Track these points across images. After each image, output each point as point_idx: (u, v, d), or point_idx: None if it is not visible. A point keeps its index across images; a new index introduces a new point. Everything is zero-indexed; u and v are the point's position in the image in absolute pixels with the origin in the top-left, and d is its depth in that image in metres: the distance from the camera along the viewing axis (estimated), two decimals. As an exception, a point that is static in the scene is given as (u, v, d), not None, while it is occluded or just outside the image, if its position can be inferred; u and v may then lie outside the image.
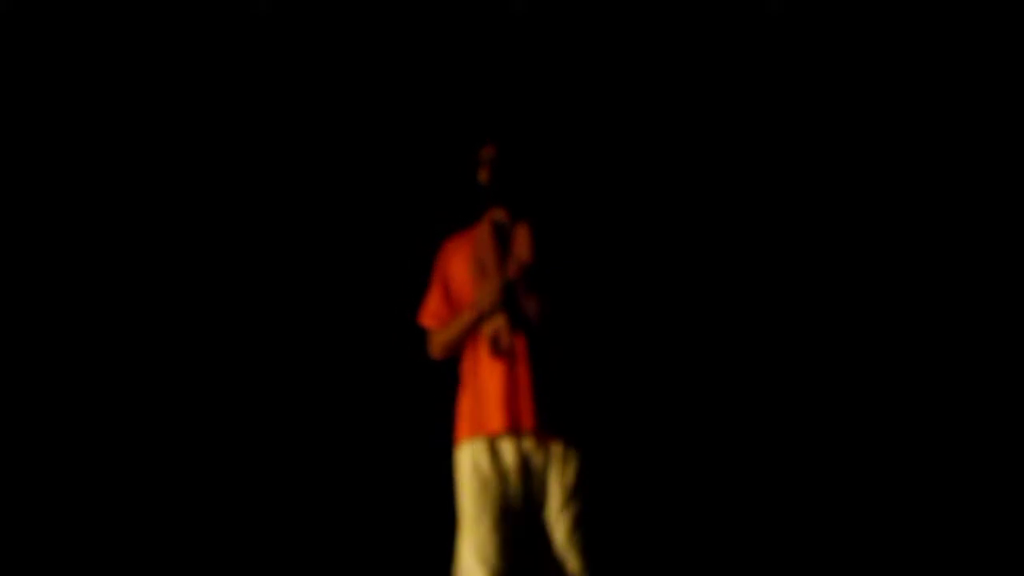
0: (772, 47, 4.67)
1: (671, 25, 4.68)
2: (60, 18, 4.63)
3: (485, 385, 3.44)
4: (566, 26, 4.68)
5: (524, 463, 3.41)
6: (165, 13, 4.68)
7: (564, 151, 4.47)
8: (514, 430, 3.39)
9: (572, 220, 3.59)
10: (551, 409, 3.38)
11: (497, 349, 3.40)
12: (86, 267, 4.65)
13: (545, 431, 3.39)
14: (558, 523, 3.37)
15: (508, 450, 3.42)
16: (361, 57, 4.74)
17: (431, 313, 3.65)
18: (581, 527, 3.36)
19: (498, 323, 3.41)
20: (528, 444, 3.41)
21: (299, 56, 4.74)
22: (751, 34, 4.67)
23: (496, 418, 3.40)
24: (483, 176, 3.53)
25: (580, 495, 3.37)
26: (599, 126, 4.69)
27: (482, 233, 3.55)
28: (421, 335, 3.72)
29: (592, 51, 4.69)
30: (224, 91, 4.73)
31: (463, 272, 3.56)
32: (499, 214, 3.56)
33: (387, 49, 4.74)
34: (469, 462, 3.47)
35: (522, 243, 3.47)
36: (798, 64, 4.67)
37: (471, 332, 3.49)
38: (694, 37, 4.69)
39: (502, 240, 3.52)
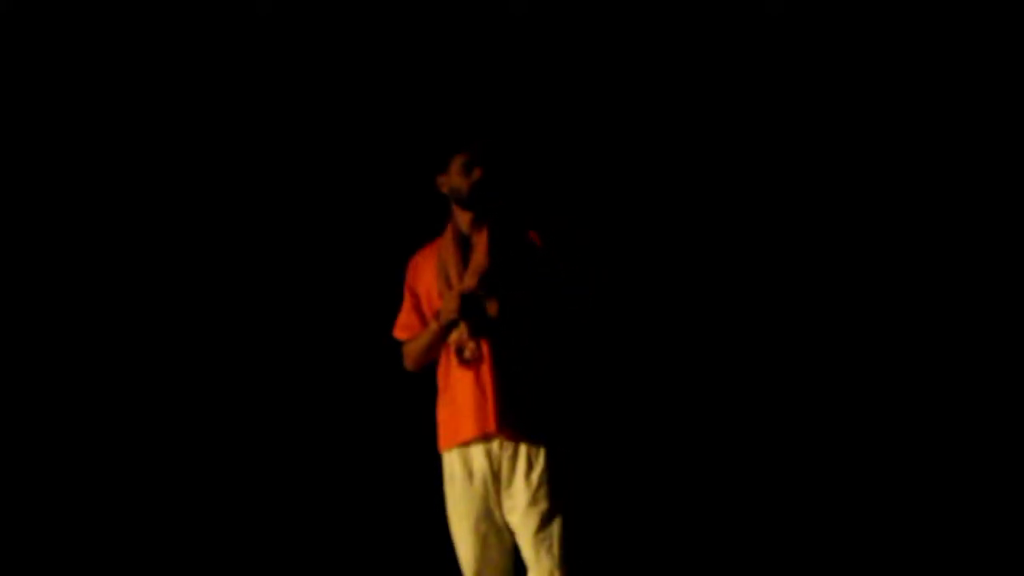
0: (772, 47, 4.66)
1: (671, 26, 4.68)
2: (60, 18, 4.64)
3: (456, 394, 3.47)
4: (566, 26, 4.68)
5: (495, 468, 3.44)
6: (167, 13, 4.69)
7: (544, 155, 4.48)
8: (483, 436, 3.42)
9: (533, 224, 3.58)
10: (516, 411, 3.41)
11: (462, 358, 3.44)
12: (85, 267, 4.67)
13: (511, 433, 3.41)
14: (526, 523, 3.39)
15: (479, 456, 3.45)
16: (361, 58, 4.74)
17: (402, 325, 3.67)
18: (548, 526, 3.38)
19: (461, 332, 3.43)
20: (496, 448, 3.44)
21: (300, 58, 4.74)
22: (751, 34, 4.66)
23: (467, 425, 3.43)
24: (463, 184, 3.49)
25: (547, 495, 3.39)
26: (598, 127, 4.69)
27: (446, 243, 3.57)
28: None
29: (591, 52, 4.69)
30: (224, 92, 4.74)
31: (430, 284, 3.57)
32: (462, 222, 3.55)
33: (387, 50, 4.74)
34: (447, 472, 3.53)
35: (480, 250, 3.48)
36: (798, 64, 4.66)
37: (439, 342, 3.50)
38: (694, 37, 4.68)
39: (464, 249, 3.52)
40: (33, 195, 4.67)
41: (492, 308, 3.41)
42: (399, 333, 3.66)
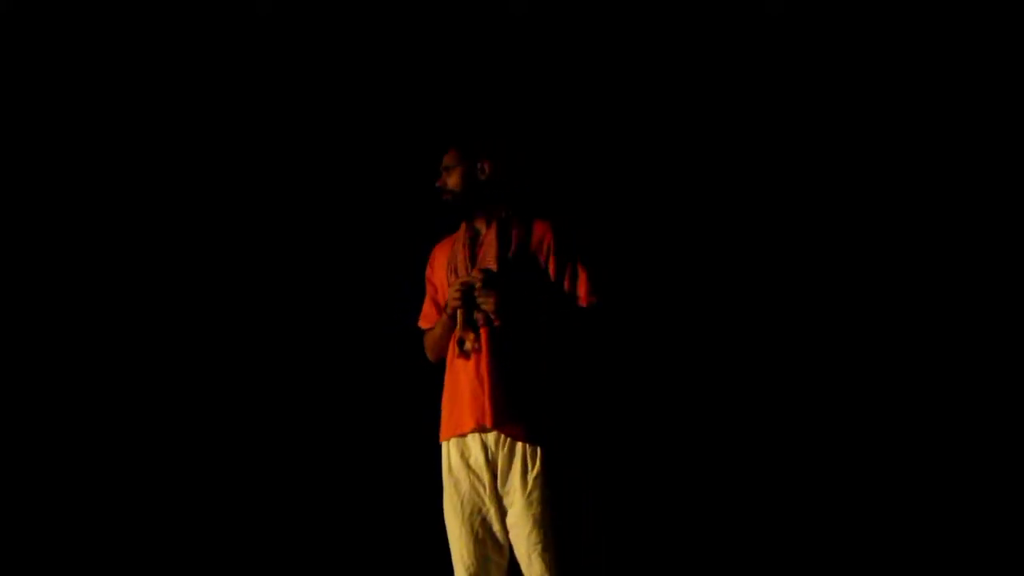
0: (772, 47, 4.66)
1: (671, 25, 4.68)
2: (60, 18, 4.64)
3: (457, 386, 3.49)
4: (566, 26, 4.68)
5: (491, 461, 3.43)
6: (167, 13, 4.69)
7: (554, 153, 4.49)
8: (480, 428, 3.42)
9: (545, 223, 3.58)
10: (511, 408, 3.40)
11: (462, 349, 3.45)
12: (87, 268, 4.67)
13: (505, 428, 3.40)
14: (519, 525, 3.37)
15: (476, 449, 3.44)
16: (361, 58, 4.75)
17: (423, 315, 3.73)
18: (542, 531, 3.35)
19: (458, 323, 3.45)
20: (492, 442, 3.43)
21: (300, 58, 4.75)
22: (751, 34, 4.67)
23: (465, 417, 3.44)
24: (453, 183, 3.53)
25: (541, 499, 3.36)
26: (597, 126, 4.69)
27: (460, 237, 3.60)
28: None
29: (592, 52, 4.69)
30: (225, 91, 4.74)
31: (442, 276, 3.61)
32: (478, 219, 3.58)
33: (387, 50, 4.74)
34: (445, 463, 3.52)
35: (488, 246, 3.51)
36: (798, 64, 4.66)
37: (448, 333, 3.53)
38: (694, 37, 4.69)
39: (475, 244, 3.55)
40: (34, 195, 4.67)
41: (488, 303, 3.42)
42: (422, 323, 3.71)
